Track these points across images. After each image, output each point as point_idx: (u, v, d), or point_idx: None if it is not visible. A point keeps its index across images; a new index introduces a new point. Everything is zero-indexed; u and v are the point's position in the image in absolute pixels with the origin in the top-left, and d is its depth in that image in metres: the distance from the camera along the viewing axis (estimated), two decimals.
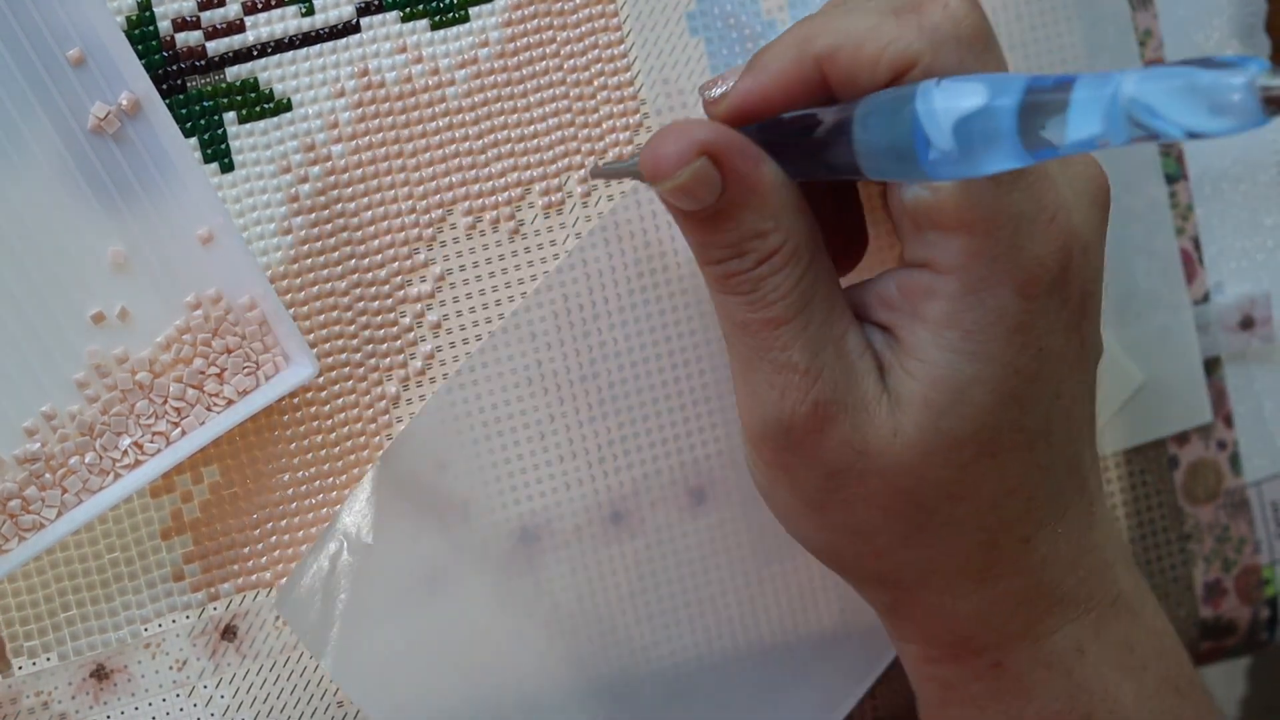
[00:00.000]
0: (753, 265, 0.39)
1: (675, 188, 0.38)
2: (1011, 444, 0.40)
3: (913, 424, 0.39)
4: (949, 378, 0.39)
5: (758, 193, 0.38)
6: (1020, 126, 0.33)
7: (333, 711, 0.48)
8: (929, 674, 0.44)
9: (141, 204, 0.45)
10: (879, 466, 0.39)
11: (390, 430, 0.47)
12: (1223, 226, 0.54)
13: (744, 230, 0.39)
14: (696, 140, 0.38)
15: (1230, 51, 0.54)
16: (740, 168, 0.38)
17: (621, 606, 0.49)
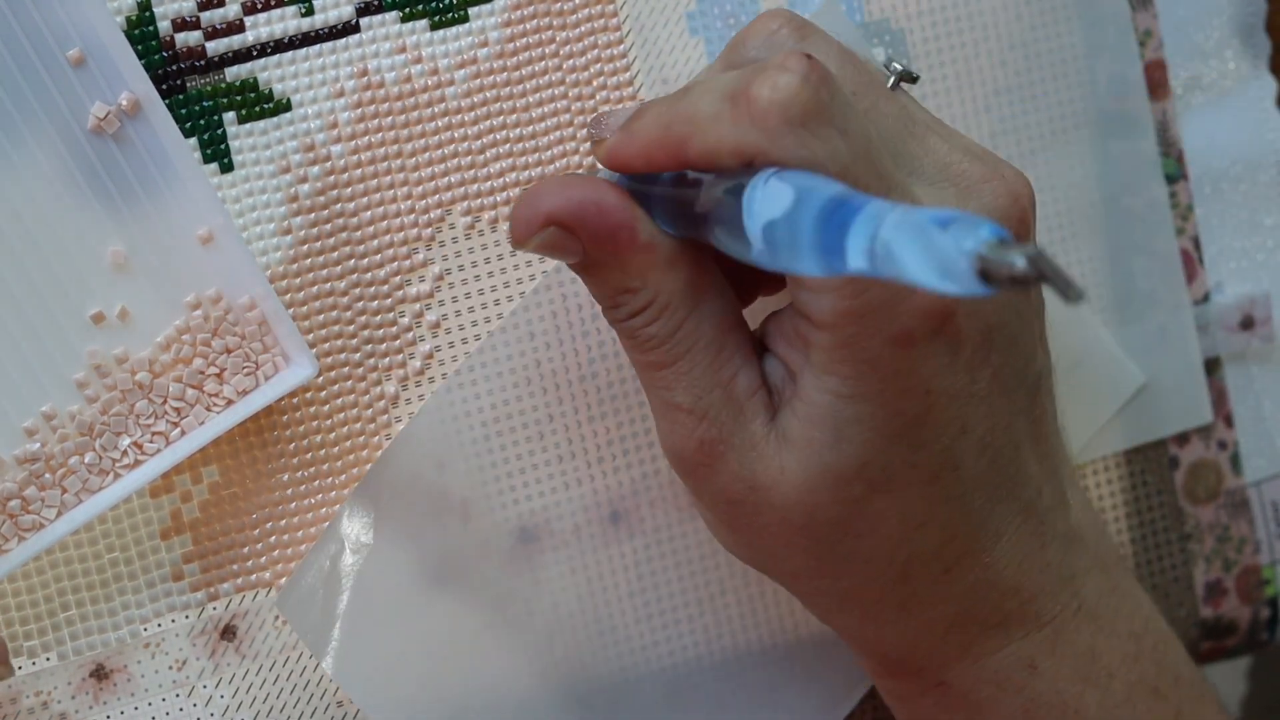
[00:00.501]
0: (625, 317, 0.40)
1: (534, 250, 0.40)
2: (906, 480, 0.40)
3: (796, 461, 0.40)
4: (828, 418, 0.39)
5: (618, 255, 0.40)
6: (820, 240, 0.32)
7: (332, 711, 0.48)
8: (882, 686, 0.45)
9: (141, 204, 0.45)
10: (771, 501, 0.40)
11: (390, 430, 0.47)
12: (1223, 227, 0.54)
13: (612, 286, 0.40)
14: (542, 212, 0.39)
15: (1230, 52, 0.54)
16: (595, 232, 0.39)
17: (621, 606, 0.49)
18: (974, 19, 0.51)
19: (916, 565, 0.41)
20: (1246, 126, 0.54)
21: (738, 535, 0.42)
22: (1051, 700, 0.42)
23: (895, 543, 0.41)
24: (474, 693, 0.48)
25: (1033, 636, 0.42)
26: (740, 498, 0.41)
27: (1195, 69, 0.54)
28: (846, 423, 0.39)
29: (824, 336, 0.38)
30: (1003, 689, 0.42)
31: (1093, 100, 0.53)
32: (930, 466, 0.40)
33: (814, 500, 0.40)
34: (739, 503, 0.41)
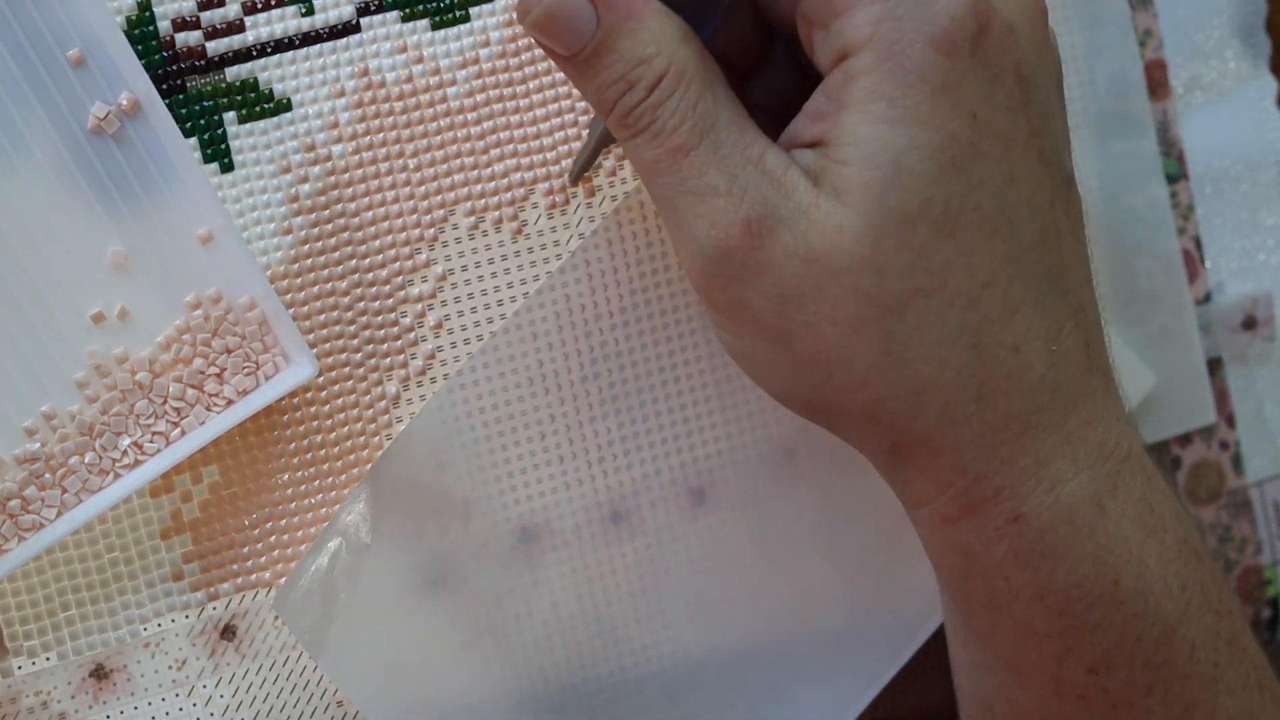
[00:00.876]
0: (644, 94, 0.38)
1: (544, 17, 0.38)
2: (967, 222, 0.38)
3: (856, 211, 0.38)
4: (883, 150, 0.38)
5: (633, 17, 0.38)
6: None
7: (332, 711, 0.48)
8: (948, 540, 0.41)
9: (141, 204, 0.45)
10: (833, 270, 0.38)
11: (390, 430, 0.47)
12: (1224, 227, 0.54)
13: (626, 59, 0.38)
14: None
15: (1230, 51, 0.54)
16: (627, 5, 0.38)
17: (621, 606, 0.49)
18: None
19: (986, 334, 0.39)
20: (1247, 126, 0.54)
21: (795, 346, 0.39)
22: (1118, 548, 0.40)
23: (964, 303, 0.38)
24: (473, 693, 0.48)
25: (1099, 469, 0.40)
26: (798, 280, 0.38)
27: (1195, 69, 0.54)
28: (902, 152, 0.37)
29: (864, 59, 0.38)
30: (1076, 528, 0.40)
31: (1093, 100, 0.53)
32: (988, 210, 0.38)
33: (880, 252, 0.38)
34: (797, 290, 0.38)
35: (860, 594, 0.50)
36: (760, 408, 0.49)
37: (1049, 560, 0.40)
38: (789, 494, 0.50)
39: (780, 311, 0.39)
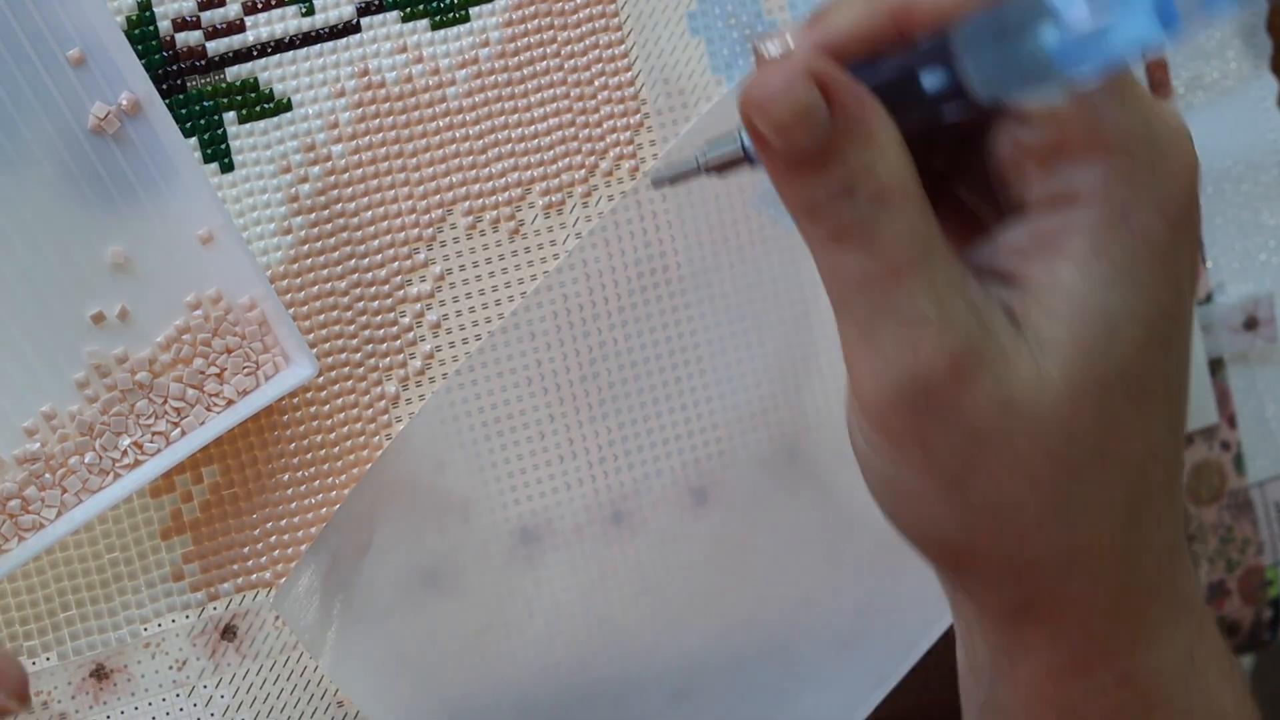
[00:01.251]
0: (867, 204, 0.36)
1: (782, 121, 0.36)
2: (1153, 392, 0.37)
3: (1060, 369, 0.36)
4: (1100, 312, 0.36)
5: (864, 123, 0.36)
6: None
7: (332, 711, 0.48)
8: (1048, 697, 0.40)
9: (141, 204, 0.45)
10: (1026, 423, 0.36)
11: (390, 430, 0.47)
12: (1225, 227, 0.54)
13: (853, 165, 0.36)
14: (803, 67, 0.36)
15: (1231, 51, 0.54)
16: (846, 97, 0.36)
17: (623, 607, 0.49)
18: None
19: (1143, 507, 0.38)
20: (1248, 126, 0.54)
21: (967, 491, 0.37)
22: (1207, 699, 0.40)
23: (1134, 472, 0.38)
24: (474, 693, 0.48)
25: (1189, 622, 0.40)
26: (990, 426, 0.37)
27: (1196, 69, 0.54)
28: (1118, 318, 0.36)
29: (1093, 212, 0.36)
30: (1174, 683, 0.39)
31: None
32: (1171, 381, 0.38)
33: (1075, 414, 0.36)
34: (986, 435, 0.37)
35: (865, 596, 0.50)
36: (762, 408, 0.49)
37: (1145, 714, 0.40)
38: (791, 494, 0.50)
39: (962, 453, 0.37)
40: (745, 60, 0.50)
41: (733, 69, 0.49)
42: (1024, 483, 0.37)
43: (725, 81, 0.49)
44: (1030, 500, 0.37)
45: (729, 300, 0.49)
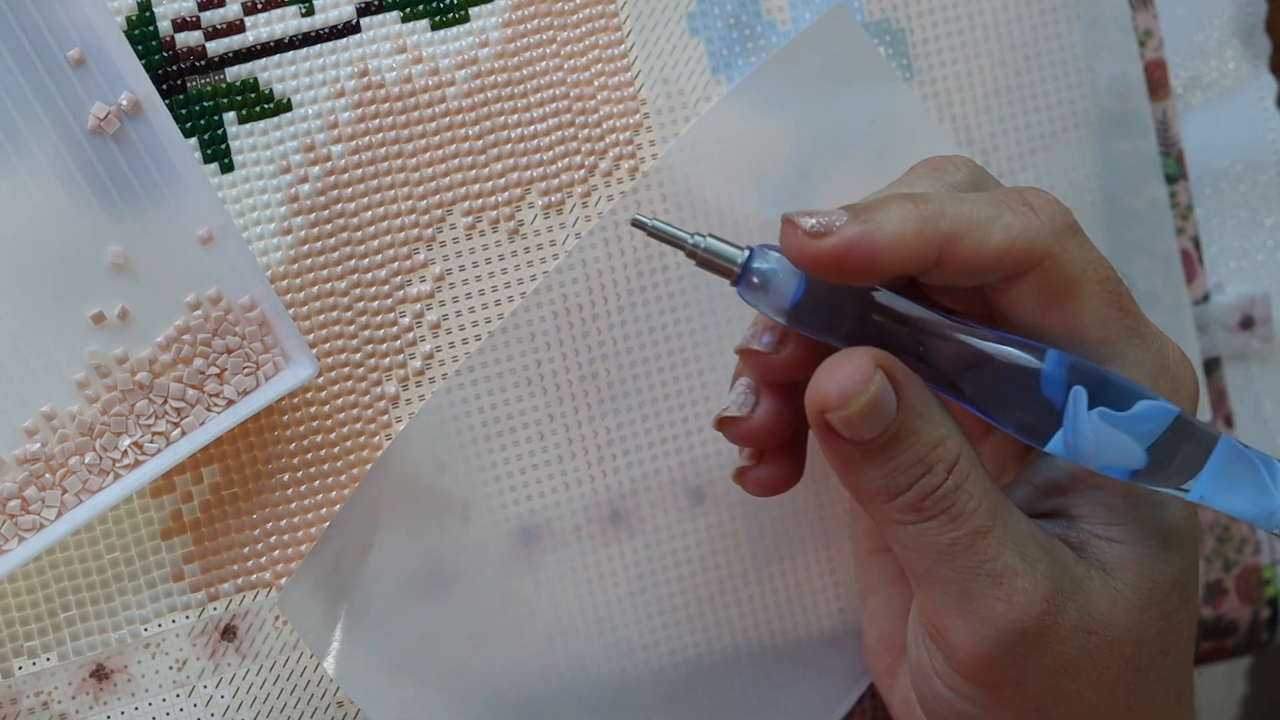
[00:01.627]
0: (944, 476, 0.38)
1: (857, 412, 0.37)
2: (1190, 590, 0.41)
3: (1130, 586, 0.39)
4: (1154, 528, 0.40)
5: (927, 401, 0.38)
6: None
7: (333, 712, 0.48)
8: None
9: (141, 204, 0.45)
10: (1106, 640, 0.39)
11: (390, 430, 0.47)
12: (1223, 227, 0.54)
13: (926, 443, 0.38)
14: (871, 357, 0.37)
15: (1230, 51, 0.54)
16: (909, 379, 0.38)
17: (621, 606, 0.49)
18: (974, 19, 0.51)
19: (1186, 685, 0.41)
20: (1247, 126, 0.54)
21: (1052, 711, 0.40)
22: None
23: (1184, 659, 0.41)
24: (474, 692, 0.48)
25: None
26: (1076, 653, 0.39)
27: (1195, 69, 0.54)
28: (1168, 530, 0.40)
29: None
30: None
31: (1093, 100, 0.53)
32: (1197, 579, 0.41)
33: (1144, 621, 0.39)
34: (1073, 661, 0.39)
35: (853, 593, 0.50)
36: None
37: None
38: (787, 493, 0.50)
39: (1054, 683, 0.39)
40: (744, 60, 0.50)
41: (732, 69, 0.49)
42: (1105, 693, 0.40)
43: (725, 82, 0.49)
44: (1108, 706, 0.40)
45: (728, 300, 0.49)
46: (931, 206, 0.38)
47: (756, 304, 0.39)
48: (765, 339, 0.40)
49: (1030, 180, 0.52)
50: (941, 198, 0.39)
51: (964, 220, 0.38)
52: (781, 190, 0.49)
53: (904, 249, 0.38)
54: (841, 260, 0.37)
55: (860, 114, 0.50)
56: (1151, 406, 0.38)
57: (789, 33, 0.50)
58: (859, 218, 0.38)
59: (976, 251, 0.38)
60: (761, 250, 0.39)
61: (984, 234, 0.38)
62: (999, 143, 0.52)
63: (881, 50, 0.50)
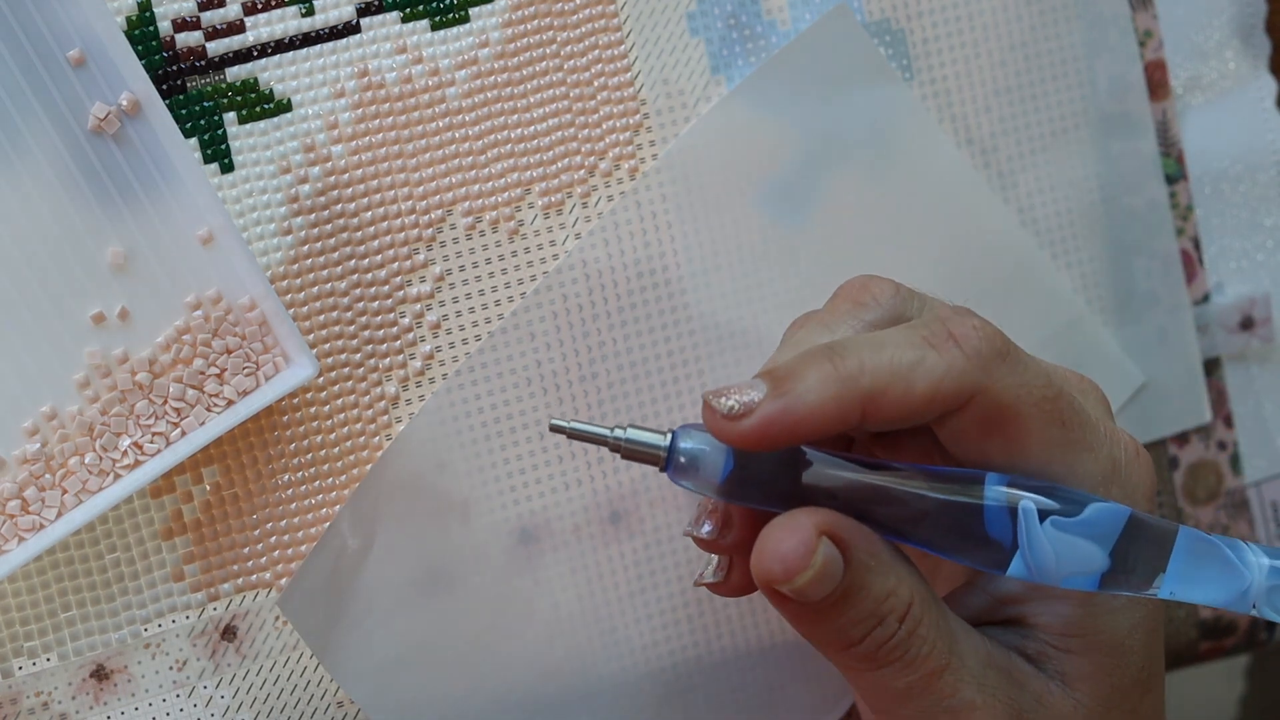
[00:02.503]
0: (896, 625, 0.38)
1: (814, 579, 0.37)
2: (1157, 677, 0.41)
3: (1090, 695, 0.40)
4: (1111, 638, 0.40)
5: (875, 553, 0.38)
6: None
7: (332, 712, 0.48)
8: None
9: (141, 204, 0.45)
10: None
11: (390, 430, 0.47)
12: (1222, 227, 0.54)
13: (876, 596, 0.38)
14: (814, 524, 0.37)
15: (1230, 52, 0.54)
16: (855, 534, 0.37)
17: (620, 606, 0.49)
18: (974, 19, 0.51)
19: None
20: (1246, 127, 0.54)
21: None
22: None
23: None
24: (474, 693, 0.48)
25: None
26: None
27: (1195, 69, 0.54)
28: (1125, 635, 0.40)
29: None
30: None
31: (1093, 100, 0.53)
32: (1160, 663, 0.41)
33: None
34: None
35: None
36: None
37: None
38: None
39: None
40: (744, 60, 0.50)
41: (732, 69, 0.50)
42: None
43: (725, 82, 0.49)
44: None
45: (729, 300, 0.49)
46: (850, 364, 0.37)
47: (688, 485, 0.39)
48: (705, 528, 0.40)
49: (1030, 180, 0.52)
50: (861, 348, 0.38)
51: (885, 373, 0.37)
52: (781, 190, 0.49)
53: (825, 415, 0.37)
54: (763, 438, 0.37)
55: (860, 114, 0.50)
56: (1102, 509, 0.38)
57: (789, 33, 0.50)
58: (776, 390, 0.37)
59: (902, 402, 0.37)
60: (685, 431, 0.38)
61: (907, 384, 0.37)
62: (999, 143, 0.52)
63: (881, 50, 0.50)
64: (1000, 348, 0.38)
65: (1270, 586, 0.38)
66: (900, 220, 0.50)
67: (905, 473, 0.38)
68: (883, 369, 0.37)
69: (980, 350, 0.38)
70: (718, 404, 0.37)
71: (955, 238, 0.51)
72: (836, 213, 0.50)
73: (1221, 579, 0.38)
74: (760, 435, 0.37)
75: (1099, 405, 0.42)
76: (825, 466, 0.38)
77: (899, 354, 0.38)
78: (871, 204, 0.50)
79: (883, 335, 0.38)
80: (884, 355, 0.38)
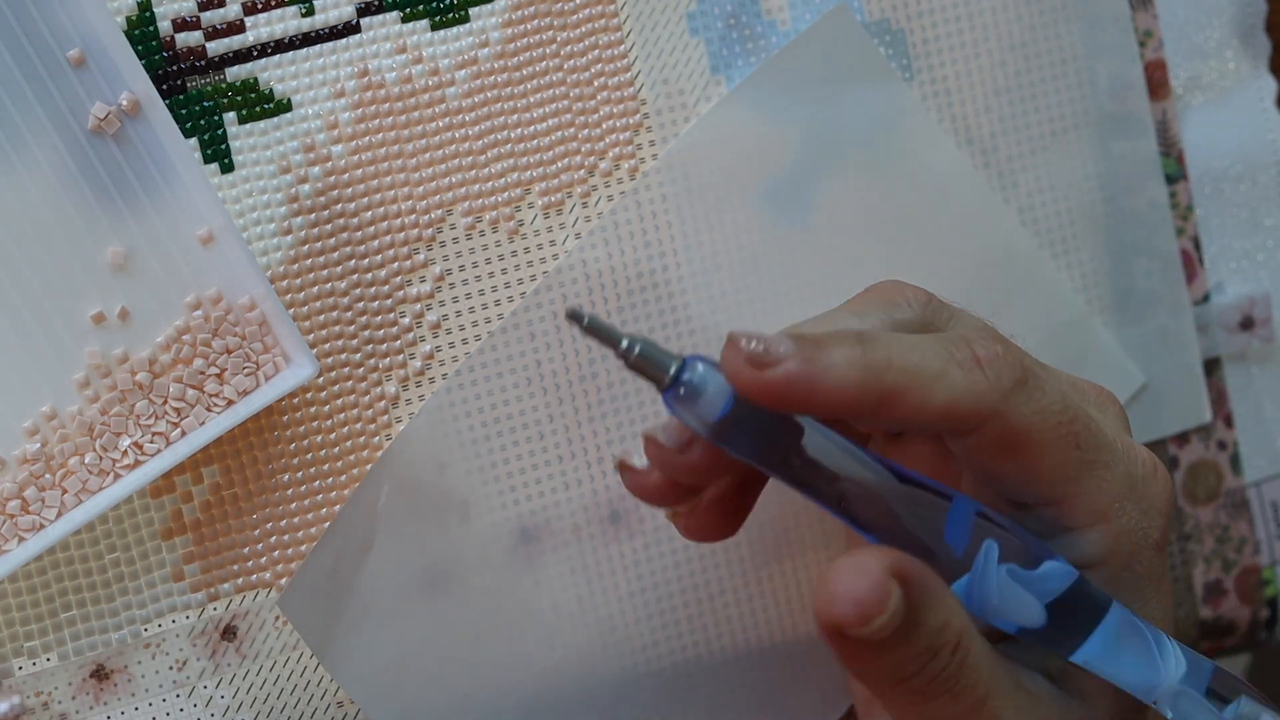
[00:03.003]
0: (949, 658, 0.38)
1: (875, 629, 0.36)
2: None
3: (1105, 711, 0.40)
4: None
5: (931, 588, 0.37)
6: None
7: (332, 712, 0.48)
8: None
9: (141, 204, 0.45)
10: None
11: (390, 430, 0.47)
12: (1223, 227, 0.54)
13: (932, 630, 0.37)
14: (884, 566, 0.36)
15: (1230, 52, 0.54)
16: (916, 572, 0.37)
17: (620, 606, 0.49)
18: (974, 19, 0.51)
19: None
20: (1246, 126, 0.54)
21: None
22: None
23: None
24: (474, 693, 0.48)
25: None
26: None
27: (1195, 69, 0.54)
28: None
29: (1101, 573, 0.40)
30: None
31: (1093, 100, 0.53)
32: None
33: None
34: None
35: None
36: None
37: None
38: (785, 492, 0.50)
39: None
40: (744, 60, 0.50)
41: (732, 69, 0.50)
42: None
43: (725, 82, 0.49)
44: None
45: (729, 300, 0.49)
46: (879, 356, 0.37)
47: (681, 414, 0.38)
48: (669, 435, 0.39)
49: (1030, 180, 0.52)
50: (890, 344, 0.38)
51: (909, 375, 0.37)
52: (781, 190, 0.49)
53: (843, 397, 0.37)
54: (778, 395, 0.37)
55: (860, 114, 0.50)
56: (1056, 567, 0.38)
57: (789, 33, 0.50)
58: (804, 354, 0.37)
59: (918, 409, 0.37)
60: (693, 362, 0.38)
61: (928, 391, 0.37)
62: (999, 143, 0.52)
63: (881, 50, 0.50)
64: (1020, 376, 0.38)
65: (1178, 691, 0.39)
66: (900, 220, 0.50)
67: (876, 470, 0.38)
68: (908, 370, 0.37)
69: (1001, 376, 0.38)
70: (744, 345, 0.37)
71: (955, 238, 0.51)
72: (836, 213, 0.50)
73: (1138, 666, 0.39)
74: (777, 391, 0.37)
75: (1117, 420, 0.42)
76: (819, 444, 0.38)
77: (925, 361, 0.38)
78: (871, 204, 0.50)
79: (912, 338, 0.38)
80: (911, 358, 0.38)
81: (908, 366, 0.37)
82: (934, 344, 0.38)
